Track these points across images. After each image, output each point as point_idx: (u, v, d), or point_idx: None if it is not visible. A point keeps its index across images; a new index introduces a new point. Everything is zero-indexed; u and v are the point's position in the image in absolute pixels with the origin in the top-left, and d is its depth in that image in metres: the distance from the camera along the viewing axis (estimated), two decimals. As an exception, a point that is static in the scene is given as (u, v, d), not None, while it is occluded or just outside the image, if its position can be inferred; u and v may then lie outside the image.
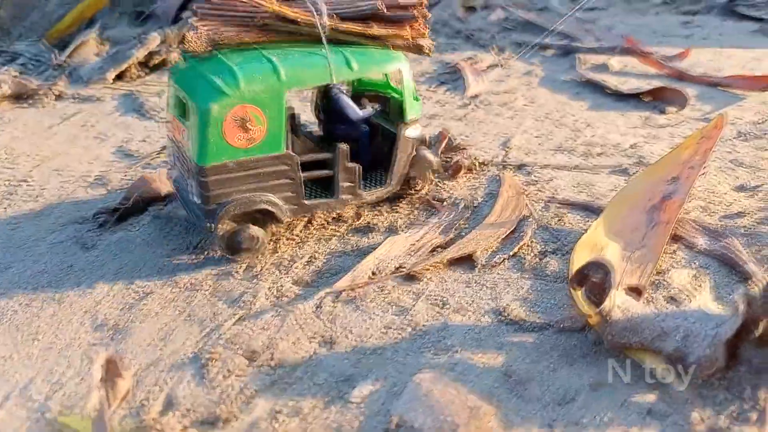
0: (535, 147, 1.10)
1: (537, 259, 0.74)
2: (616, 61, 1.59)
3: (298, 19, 0.68)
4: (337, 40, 0.70)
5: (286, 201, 0.71)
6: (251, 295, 0.68)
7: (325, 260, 0.75)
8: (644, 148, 1.08)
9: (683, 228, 0.77)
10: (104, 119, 1.30)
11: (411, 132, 0.78)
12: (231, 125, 0.65)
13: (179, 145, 0.72)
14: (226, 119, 0.65)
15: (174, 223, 0.84)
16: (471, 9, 2.07)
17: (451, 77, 1.50)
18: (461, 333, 0.61)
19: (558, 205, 0.85)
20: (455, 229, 0.80)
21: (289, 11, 0.67)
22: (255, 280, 0.71)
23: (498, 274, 0.72)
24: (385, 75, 0.81)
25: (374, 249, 0.76)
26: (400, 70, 0.75)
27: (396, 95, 0.81)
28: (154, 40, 1.54)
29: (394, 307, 0.66)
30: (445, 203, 0.87)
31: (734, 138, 1.12)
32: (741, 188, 0.91)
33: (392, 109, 0.80)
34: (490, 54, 1.68)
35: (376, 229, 0.80)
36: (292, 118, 0.78)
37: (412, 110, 0.77)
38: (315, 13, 0.68)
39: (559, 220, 0.82)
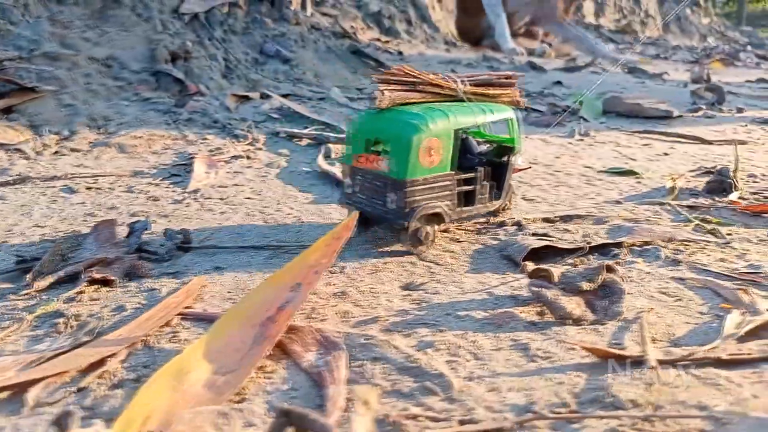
0: (228, 243, 1.00)
1: (107, 392, 0.61)
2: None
3: (443, 85, 0.99)
4: (467, 98, 1.00)
5: (448, 208, 0.96)
6: None
7: None
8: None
9: (301, 339, 0.69)
10: None
11: (517, 160, 1.06)
12: (423, 151, 0.91)
13: (370, 172, 0.95)
14: (421, 147, 0.91)
15: None
16: (243, 98, 2.02)
17: (186, 169, 1.40)
18: None
19: (182, 316, 0.75)
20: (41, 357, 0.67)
21: (438, 81, 0.98)
22: None
23: (48, 415, 0.58)
24: (479, 125, 1.03)
25: None
26: (511, 117, 1.03)
27: (492, 139, 1.08)
28: None
29: None
30: (69, 323, 0.74)
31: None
32: (407, 286, 0.85)
33: (494, 148, 1.08)
34: (241, 144, 1.61)
35: None
36: None
37: (519, 145, 1.05)
38: (453, 81, 0.99)
39: (174, 336, 0.71)
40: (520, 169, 1.42)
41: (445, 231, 1.04)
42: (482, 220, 1.07)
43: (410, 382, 0.61)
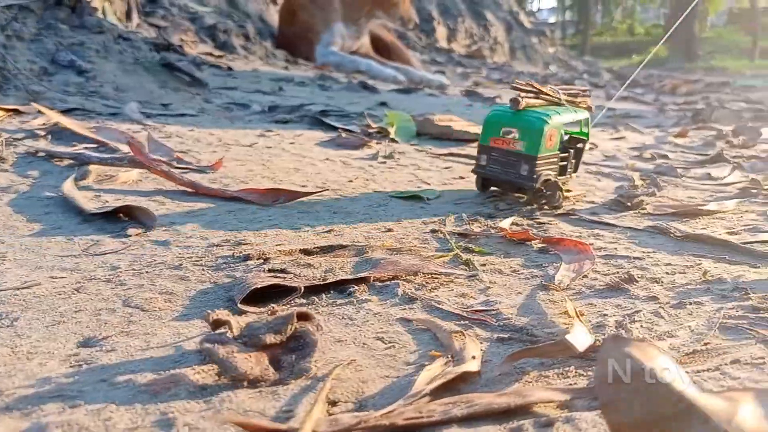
0: None
1: None
2: (137, 173, 1.40)
3: (552, 95, 1.40)
4: (563, 104, 1.41)
5: (554, 175, 1.35)
6: None
7: None
8: (45, 287, 0.84)
9: None
10: None
11: (587, 146, 1.53)
12: (547, 137, 1.31)
13: (504, 150, 1.35)
14: (546, 134, 1.31)
15: None
16: (13, 111, 1.78)
17: None
18: None
19: None
20: None
21: (550, 92, 1.39)
22: None
23: None
24: (573, 122, 1.42)
25: None
26: (587, 117, 1.46)
27: (571, 133, 1.50)
28: None
29: None
30: None
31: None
32: (85, 342, 0.70)
33: (569, 138, 1.49)
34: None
35: None
36: None
37: (589, 135, 1.50)
38: (557, 93, 1.41)
39: None
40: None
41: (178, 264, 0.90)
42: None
43: (-23, 489, 0.46)
